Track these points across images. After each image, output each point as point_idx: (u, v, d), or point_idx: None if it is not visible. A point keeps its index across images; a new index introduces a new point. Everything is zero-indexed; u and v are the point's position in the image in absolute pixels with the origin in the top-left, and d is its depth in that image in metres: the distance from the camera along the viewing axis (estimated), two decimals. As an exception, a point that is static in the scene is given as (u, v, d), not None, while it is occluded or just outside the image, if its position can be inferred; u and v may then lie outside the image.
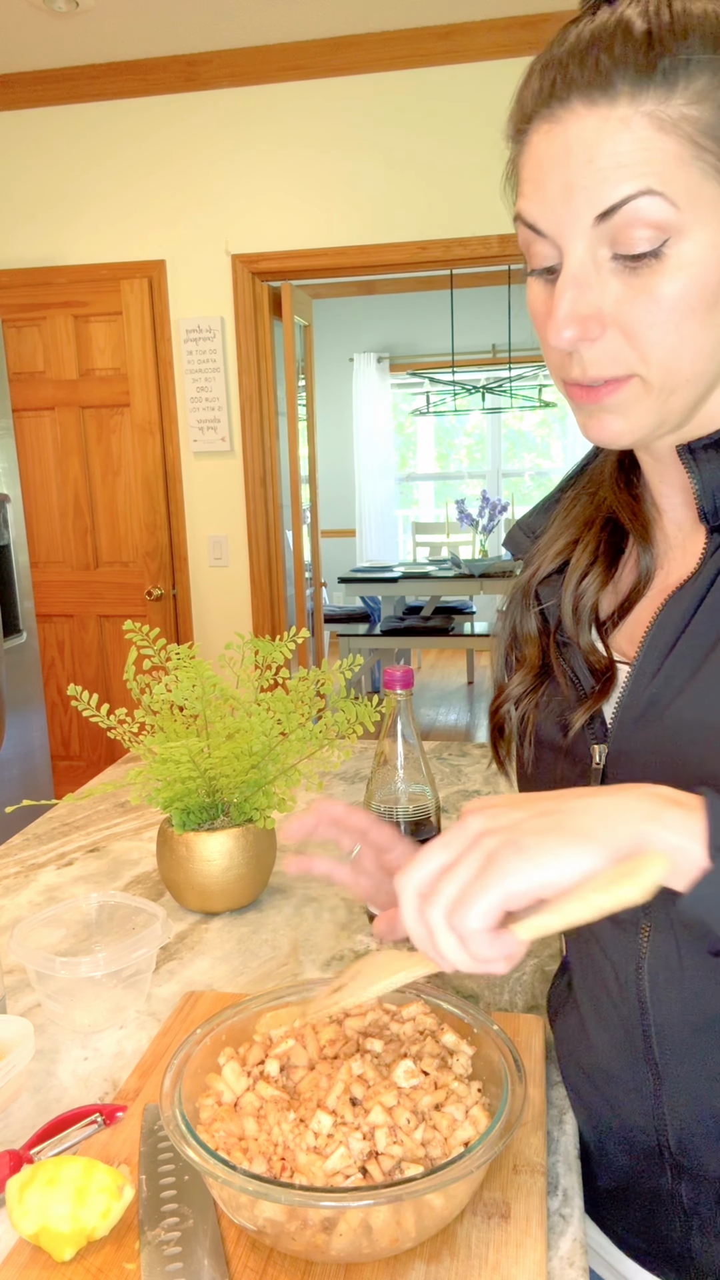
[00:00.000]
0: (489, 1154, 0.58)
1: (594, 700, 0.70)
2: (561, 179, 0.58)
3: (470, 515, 5.82)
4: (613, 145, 0.56)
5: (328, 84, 3.37)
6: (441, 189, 3.37)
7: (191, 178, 3.52)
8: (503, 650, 0.81)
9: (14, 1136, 0.75)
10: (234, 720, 1.09)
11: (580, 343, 0.60)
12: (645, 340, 0.59)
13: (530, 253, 0.63)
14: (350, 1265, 0.61)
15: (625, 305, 0.59)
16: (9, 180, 3.64)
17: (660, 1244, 0.74)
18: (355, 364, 7.29)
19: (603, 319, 0.60)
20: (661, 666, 0.65)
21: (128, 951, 0.88)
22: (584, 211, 0.57)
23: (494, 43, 3.21)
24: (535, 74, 0.60)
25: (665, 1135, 0.70)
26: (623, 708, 0.68)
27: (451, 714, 5.81)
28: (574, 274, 0.59)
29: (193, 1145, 0.59)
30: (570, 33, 0.59)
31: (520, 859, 0.51)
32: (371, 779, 1.02)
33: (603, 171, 0.56)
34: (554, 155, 0.58)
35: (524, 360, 6.25)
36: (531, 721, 0.76)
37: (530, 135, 0.60)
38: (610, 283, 0.59)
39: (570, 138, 0.57)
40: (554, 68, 0.58)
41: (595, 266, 0.59)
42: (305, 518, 4.10)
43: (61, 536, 3.89)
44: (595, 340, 0.60)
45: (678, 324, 0.58)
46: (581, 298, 0.59)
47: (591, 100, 0.56)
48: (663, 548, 0.72)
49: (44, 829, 1.41)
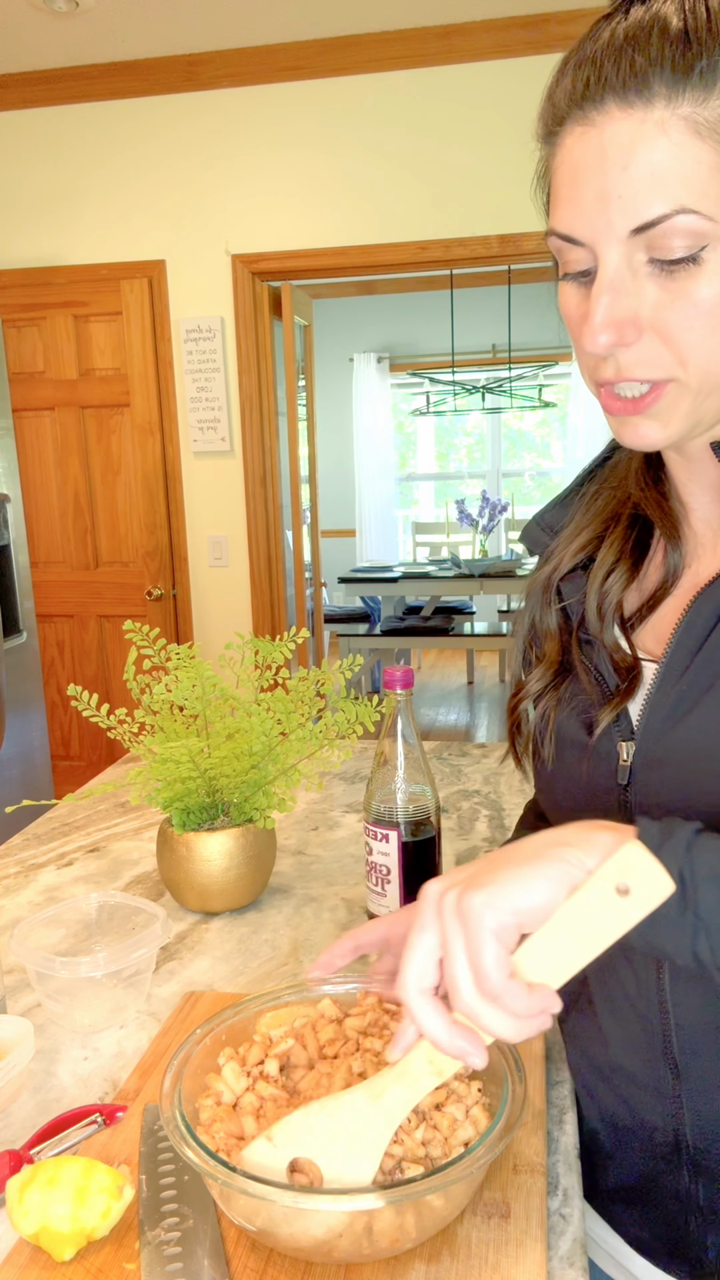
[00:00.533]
0: (490, 1154, 0.58)
1: (621, 698, 0.69)
2: (596, 185, 0.57)
3: (470, 515, 5.82)
4: (648, 153, 0.55)
5: (328, 84, 3.37)
6: (441, 189, 3.37)
7: (191, 178, 3.52)
8: (521, 646, 0.80)
9: (14, 1136, 0.75)
10: (234, 720, 1.09)
11: (616, 348, 0.60)
12: (683, 344, 0.59)
13: (563, 259, 0.62)
14: (350, 1265, 0.61)
15: (662, 310, 0.58)
16: (9, 180, 3.64)
17: (674, 1242, 0.74)
18: (355, 364, 7.29)
19: (639, 324, 0.59)
20: (691, 663, 0.65)
21: (128, 951, 0.88)
22: (619, 223, 0.57)
23: (494, 43, 3.21)
24: (569, 71, 0.59)
25: (683, 1133, 0.70)
26: (651, 705, 0.67)
27: (451, 714, 5.81)
28: (610, 280, 0.59)
29: (192, 1146, 0.59)
30: (603, 29, 0.57)
31: (484, 894, 0.52)
32: (371, 779, 1.02)
33: (638, 182, 0.55)
34: (588, 161, 0.57)
35: (524, 360, 6.25)
36: (552, 719, 0.75)
37: (564, 137, 0.59)
38: (646, 287, 0.58)
39: (605, 142, 0.56)
40: (588, 66, 0.57)
41: (631, 272, 0.58)
42: (305, 518, 4.10)
43: (61, 536, 3.89)
44: (631, 345, 0.60)
45: (716, 327, 0.58)
46: (617, 303, 0.59)
47: (627, 103, 0.55)
48: (690, 545, 0.72)
49: (44, 829, 1.41)
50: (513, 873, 0.52)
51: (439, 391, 6.47)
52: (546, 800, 0.78)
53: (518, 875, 0.52)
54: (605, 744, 0.70)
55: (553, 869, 0.52)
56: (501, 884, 0.52)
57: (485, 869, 0.54)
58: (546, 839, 0.54)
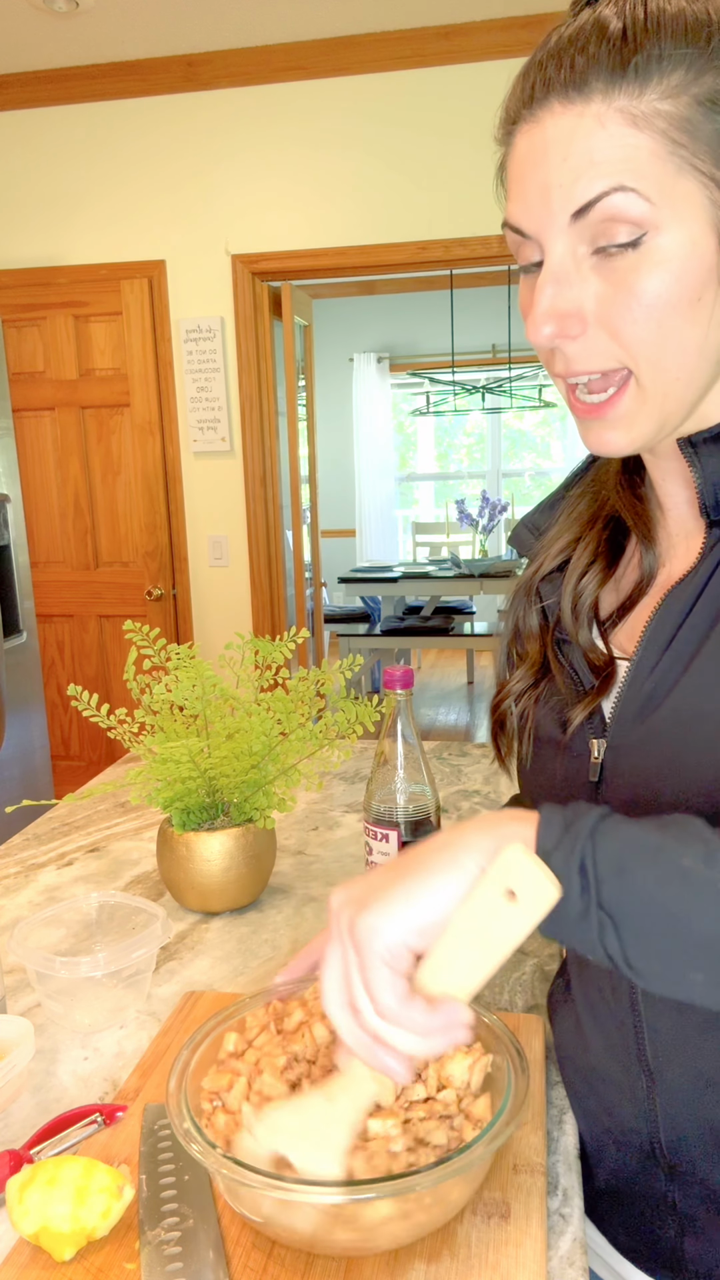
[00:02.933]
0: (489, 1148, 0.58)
1: (593, 697, 0.70)
2: (539, 178, 0.59)
3: (470, 515, 5.82)
4: (586, 142, 0.56)
5: (328, 84, 3.37)
6: (441, 189, 3.37)
7: (191, 178, 3.52)
8: (505, 646, 0.81)
9: (14, 1136, 0.75)
10: (234, 720, 1.09)
11: (559, 339, 0.61)
12: (629, 336, 0.59)
13: (518, 253, 0.63)
14: (350, 1264, 0.61)
15: (606, 302, 0.59)
16: (9, 180, 3.64)
17: (654, 1245, 0.74)
18: (355, 364, 7.29)
19: (583, 317, 0.60)
20: (660, 660, 0.66)
21: (128, 951, 0.88)
22: (559, 210, 0.58)
23: (494, 43, 3.21)
24: (520, 77, 0.61)
25: (658, 1137, 0.70)
26: (622, 702, 0.68)
27: (451, 714, 5.81)
28: (554, 271, 0.60)
29: (198, 1141, 0.59)
30: (552, 36, 0.60)
31: (370, 916, 0.52)
32: (371, 779, 1.02)
33: (577, 169, 0.57)
34: (533, 155, 0.59)
35: (524, 360, 6.25)
36: (531, 718, 0.76)
37: (515, 137, 0.61)
38: (590, 279, 0.59)
39: (548, 137, 0.58)
40: (535, 70, 0.59)
41: (575, 263, 0.59)
42: (305, 518, 4.10)
43: (61, 536, 3.89)
44: (576, 338, 0.60)
45: (660, 320, 0.58)
46: (561, 294, 0.60)
47: (567, 99, 0.57)
48: (665, 546, 0.72)
49: (44, 829, 1.41)
50: (404, 887, 0.52)
51: (439, 391, 6.47)
52: (527, 797, 0.79)
53: (408, 890, 0.52)
54: (579, 741, 0.71)
55: (444, 878, 0.52)
56: (390, 903, 0.52)
57: (382, 881, 0.54)
58: (446, 839, 0.54)
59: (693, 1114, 0.68)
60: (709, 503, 0.65)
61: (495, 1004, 0.92)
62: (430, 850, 0.54)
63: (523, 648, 0.79)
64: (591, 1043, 0.73)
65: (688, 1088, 0.67)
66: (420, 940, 0.52)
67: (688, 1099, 0.68)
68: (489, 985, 0.95)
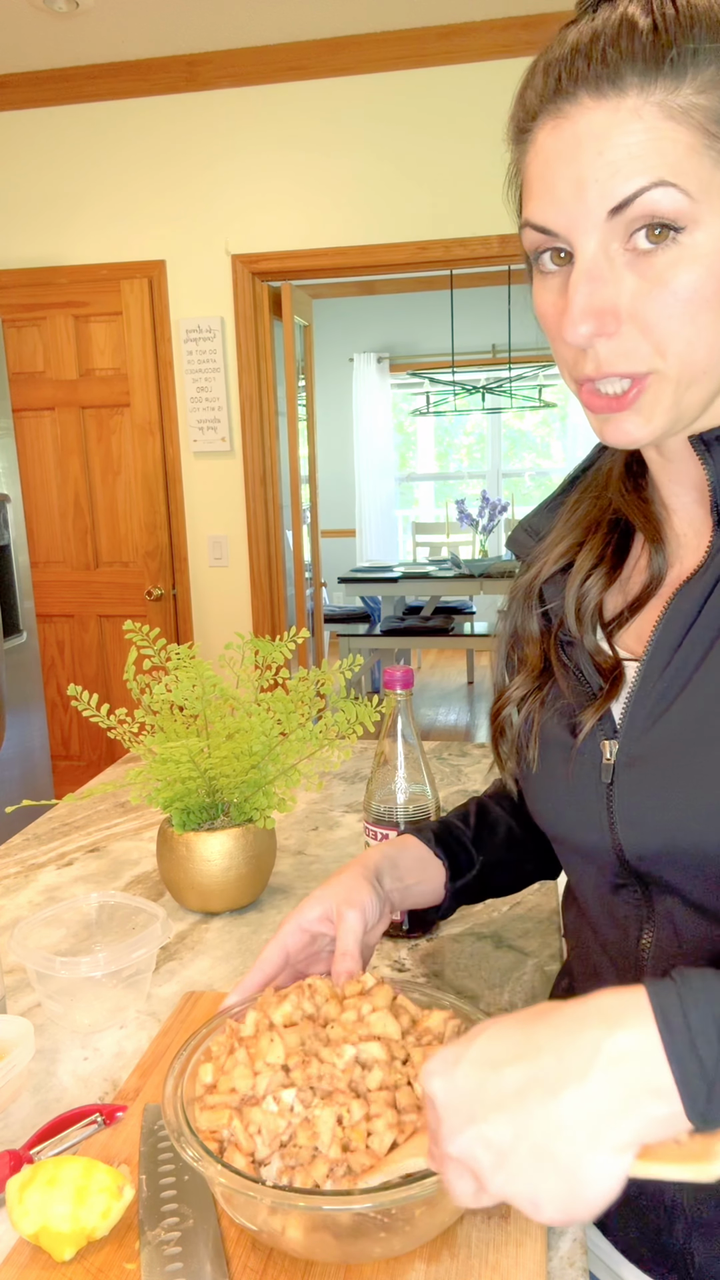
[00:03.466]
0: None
1: (604, 699, 0.70)
2: (572, 174, 0.57)
3: (470, 515, 5.82)
4: (623, 136, 0.55)
5: (328, 84, 3.37)
6: (441, 189, 3.37)
7: (191, 178, 3.52)
8: (503, 651, 0.80)
9: (14, 1136, 0.75)
10: (234, 720, 1.09)
11: (596, 338, 0.60)
12: (662, 332, 0.58)
13: (538, 253, 0.62)
14: (350, 1265, 0.61)
15: (641, 298, 0.58)
16: (9, 180, 3.64)
17: (661, 1249, 0.73)
18: (355, 364, 7.29)
19: (618, 313, 0.59)
20: (671, 660, 0.65)
21: (128, 951, 0.88)
22: (596, 206, 0.57)
23: (494, 43, 3.21)
24: (537, 74, 0.60)
25: None
26: (633, 704, 0.68)
27: (451, 714, 5.81)
28: (588, 268, 0.58)
29: (194, 1145, 0.59)
30: (570, 33, 0.58)
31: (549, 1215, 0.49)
32: (371, 779, 1.02)
33: (614, 164, 0.56)
34: (562, 151, 0.58)
35: (524, 360, 6.25)
36: (537, 722, 0.75)
37: (536, 133, 0.60)
38: (625, 276, 0.58)
39: (580, 131, 0.57)
40: (558, 65, 0.58)
41: (609, 260, 0.58)
42: (305, 518, 4.10)
43: (61, 536, 3.89)
44: (611, 335, 0.59)
45: (694, 315, 0.58)
46: (597, 292, 0.58)
47: (600, 93, 0.56)
48: (673, 546, 0.72)
49: (44, 829, 1.41)
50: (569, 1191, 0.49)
51: (439, 391, 6.47)
52: (531, 803, 0.78)
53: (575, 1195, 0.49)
54: (589, 744, 0.70)
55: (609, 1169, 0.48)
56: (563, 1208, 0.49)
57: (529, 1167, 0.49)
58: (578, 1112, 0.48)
59: None
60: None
61: (495, 1004, 0.92)
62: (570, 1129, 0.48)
63: (522, 653, 0.78)
64: None
65: None
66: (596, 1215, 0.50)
67: None
68: (490, 985, 0.95)
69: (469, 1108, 0.51)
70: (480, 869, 0.88)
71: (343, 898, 0.76)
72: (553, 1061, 0.49)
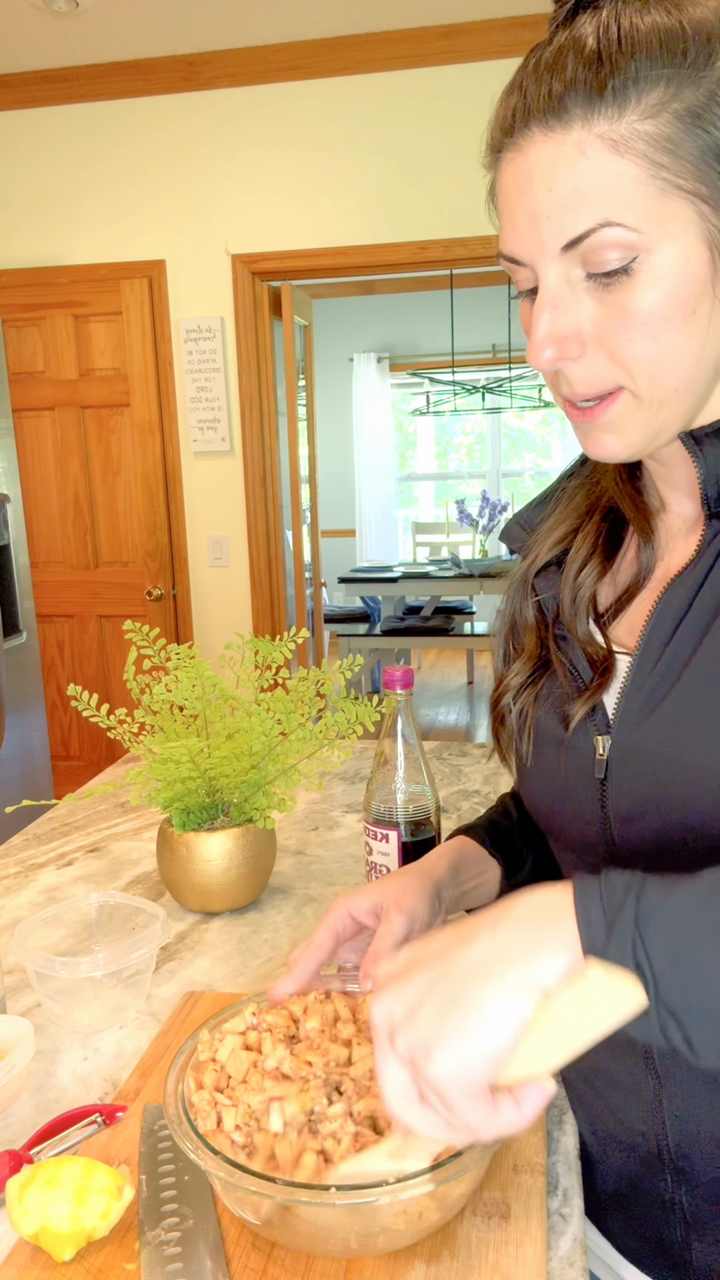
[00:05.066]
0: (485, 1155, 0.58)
1: (593, 692, 0.70)
2: (527, 208, 0.59)
3: (470, 515, 5.82)
4: (569, 173, 0.57)
5: (328, 84, 3.37)
6: (441, 189, 3.37)
7: (191, 178, 3.52)
8: (502, 640, 0.81)
9: (14, 1136, 0.75)
10: (234, 720, 1.09)
11: (560, 362, 0.62)
12: (626, 355, 0.60)
13: (515, 278, 0.64)
14: (350, 1265, 0.61)
15: (603, 323, 0.60)
16: (9, 180, 3.64)
17: (660, 1249, 0.74)
18: (355, 364, 7.29)
19: (582, 339, 0.61)
20: (662, 655, 0.66)
21: (128, 951, 0.88)
22: (550, 241, 0.59)
23: (494, 43, 3.21)
24: (501, 101, 0.61)
25: (665, 1140, 0.70)
26: (625, 698, 0.68)
27: (451, 714, 5.81)
28: (549, 297, 0.60)
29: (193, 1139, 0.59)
30: (532, 58, 0.60)
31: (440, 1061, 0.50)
32: (371, 779, 1.02)
33: (563, 201, 0.57)
34: (519, 185, 0.60)
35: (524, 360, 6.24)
36: (530, 714, 0.75)
37: (501, 165, 0.62)
38: (586, 301, 0.60)
39: (531, 166, 0.58)
40: (515, 93, 0.60)
41: (570, 287, 0.60)
42: (305, 518, 4.10)
43: (61, 536, 3.89)
44: (576, 360, 0.61)
45: (656, 336, 0.59)
46: (558, 319, 0.60)
47: (548, 127, 0.57)
48: (663, 539, 0.72)
49: (44, 829, 1.41)
50: (463, 1025, 0.50)
51: (439, 391, 6.47)
52: (526, 795, 0.79)
53: (469, 1029, 0.50)
54: (581, 738, 0.71)
55: (503, 1006, 0.50)
56: (456, 1046, 0.50)
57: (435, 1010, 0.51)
58: (487, 953, 0.52)
59: (700, 1116, 0.67)
60: (711, 495, 0.66)
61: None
62: (475, 971, 0.51)
63: (519, 641, 0.79)
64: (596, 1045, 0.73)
65: (695, 1090, 0.67)
66: (495, 1068, 0.51)
67: (695, 1101, 0.67)
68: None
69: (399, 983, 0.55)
70: (532, 864, 0.88)
71: (395, 899, 0.75)
72: (472, 923, 0.54)
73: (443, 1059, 0.50)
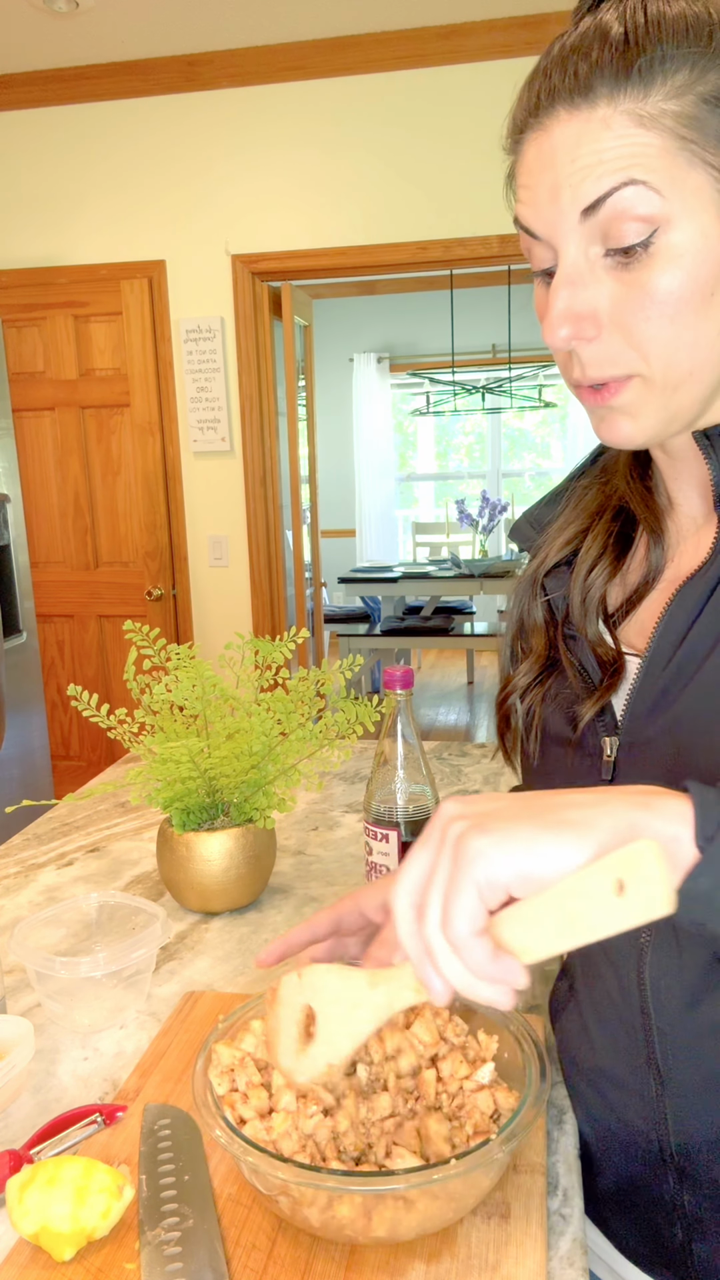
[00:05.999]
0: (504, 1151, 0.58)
1: (603, 692, 0.70)
2: (549, 180, 0.59)
3: (470, 515, 5.82)
4: (594, 144, 0.57)
5: (328, 84, 3.37)
6: (441, 189, 3.37)
7: (191, 178, 3.52)
8: (509, 640, 0.80)
9: (14, 1136, 0.75)
10: (234, 720, 1.09)
11: (575, 341, 0.61)
12: (642, 336, 0.59)
13: (531, 257, 0.64)
14: (350, 1266, 0.61)
15: (620, 302, 0.59)
16: (9, 180, 3.64)
17: (661, 1249, 0.73)
18: (355, 364, 7.29)
19: (598, 319, 0.60)
20: (673, 656, 0.65)
21: (128, 951, 0.88)
22: (569, 208, 0.59)
23: (494, 43, 3.21)
24: (525, 87, 0.62)
25: (667, 1139, 0.70)
26: (634, 699, 0.68)
27: (451, 714, 5.81)
28: (568, 273, 0.60)
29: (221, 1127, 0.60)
30: (556, 45, 0.60)
31: (486, 841, 0.48)
32: (371, 779, 1.02)
33: (586, 168, 0.57)
34: (541, 160, 0.60)
35: (524, 360, 6.25)
36: (538, 715, 0.75)
37: (523, 145, 0.62)
38: (605, 280, 0.60)
39: (555, 142, 0.59)
40: (540, 78, 0.60)
41: (589, 265, 0.60)
42: (305, 518, 4.10)
43: (61, 536, 3.89)
44: (591, 340, 0.61)
45: (673, 317, 0.59)
46: (576, 296, 0.60)
47: (573, 105, 0.58)
48: (674, 539, 0.72)
49: (44, 829, 1.41)
50: (527, 829, 0.48)
51: (439, 391, 6.47)
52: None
53: (531, 835, 0.47)
54: (590, 738, 0.70)
55: (573, 837, 0.47)
56: (510, 837, 0.48)
57: (505, 811, 0.50)
58: (591, 798, 0.49)
59: (703, 1116, 0.67)
60: None
61: (495, 1004, 0.92)
62: (570, 803, 0.49)
63: (527, 642, 0.78)
64: (598, 1045, 0.73)
65: (698, 1089, 0.67)
66: (520, 888, 0.48)
67: (698, 1101, 0.67)
68: (489, 985, 0.95)
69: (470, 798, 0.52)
70: None
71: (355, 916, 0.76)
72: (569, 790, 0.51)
73: (489, 839, 0.48)
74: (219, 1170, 0.69)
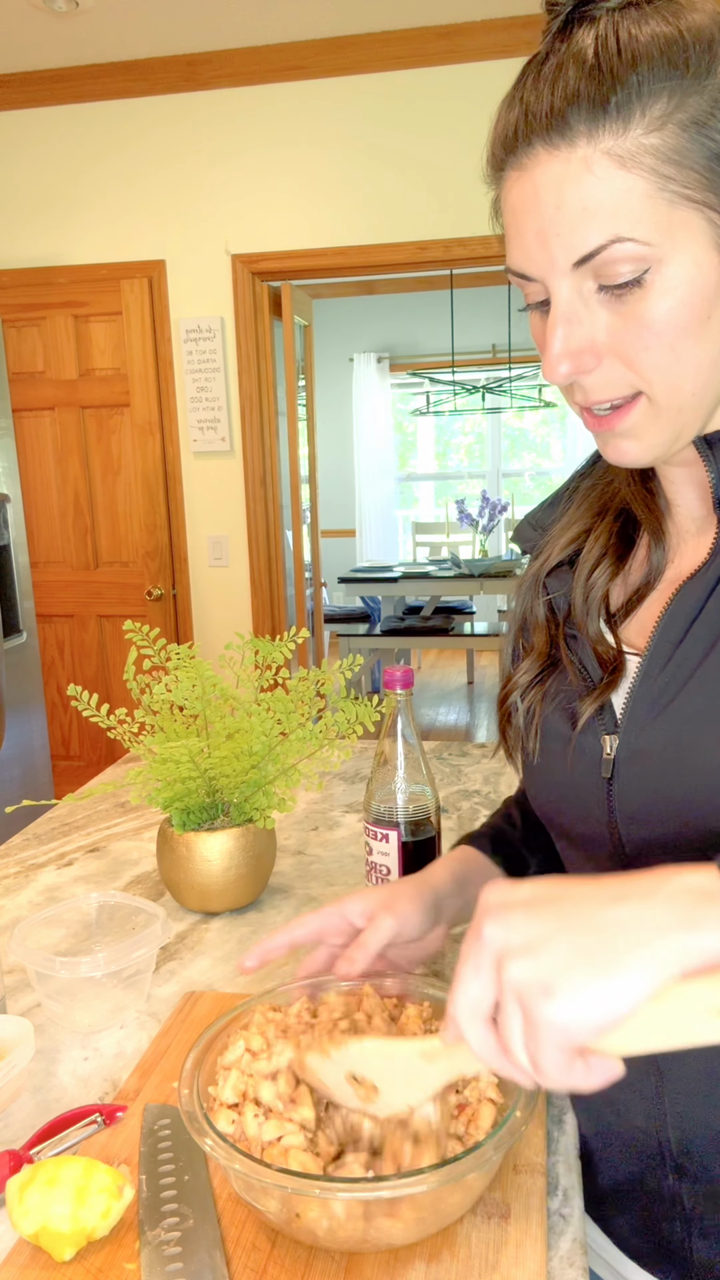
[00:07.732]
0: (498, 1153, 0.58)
1: (602, 690, 0.70)
2: (535, 226, 0.59)
3: (470, 515, 5.82)
4: (576, 190, 0.56)
5: (328, 84, 3.37)
6: (441, 189, 3.37)
7: (191, 178, 3.52)
8: (511, 639, 0.81)
9: (14, 1136, 0.75)
10: (234, 720, 1.09)
11: (576, 375, 0.62)
12: (642, 364, 0.60)
13: (524, 292, 0.64)
14: (350, 1266, 0.61)
15: (617, 333, 0.60)
16: (9, 180, 3.64)
17: (661, 1245, 0.74)
18: (355, 364, 7.29)
19: (597, 350, 0.61)
20: (673, 656, 0.66)
21: (128, 951, 0.88)
22: (560, 258, 0.59)
23: (494, 43, 3.21)
24: (503, 110, 0.61)
25: (667, 1137, 0.70)
26: (634, 698, 0.68)
27: (451, 714, 5.81)
28: (563, 312, 0.60)
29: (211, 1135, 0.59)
30: (532, 70, 0.59)
31: (553, 1008, 0.48)
32: (371, 779, 1.02)
33: (572, 219, 0.57)
34: (525, 203, 0.59)
35: (524, 360, 6.25)
36: (538, 713, 0.76)
37: (504, 181, 0.61)
38: (599, 313, 0.60)
39: (537, 184, 0.58)
40: (517, 106, 0.59)
41: (583, 301, 0.60)
42: (305, 518, 4.10)
43: (61, 536, 3.89)
44: (591, 371, 0.61)
45: (672, 344, 0.59)
46: (573, 333, 0.60)
47: (552, 144, 0.57)
48: (674, 540, 0.72)
49: (44, 829, 1.41)
50: (595, 980, 0.47)
51: (439, 391, 6.47)
52: (532, 793, 0.79)
53: (599, 987, 0.47)
54: (589, 737, 0.71)
55: (640, 973, 0.47)
56: (581, 1000, 0.47)
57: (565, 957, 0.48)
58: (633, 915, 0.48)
59: (703, 1112, 0.68)
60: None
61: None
62: (621, 930, 0.48)
63: (529, 640, 0.79)
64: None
65: (698, 1086, 0.67)
66: (605, 1032, 0.48)
67: (698, 1097, 0.67)
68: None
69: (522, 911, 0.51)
70: (536, 870, 0.88)
71: (385, 903, 0.76)
72: (618, 884, 0.50)
73: (563, 1004, 0.48)
74: (219, 1170, 0.69)
